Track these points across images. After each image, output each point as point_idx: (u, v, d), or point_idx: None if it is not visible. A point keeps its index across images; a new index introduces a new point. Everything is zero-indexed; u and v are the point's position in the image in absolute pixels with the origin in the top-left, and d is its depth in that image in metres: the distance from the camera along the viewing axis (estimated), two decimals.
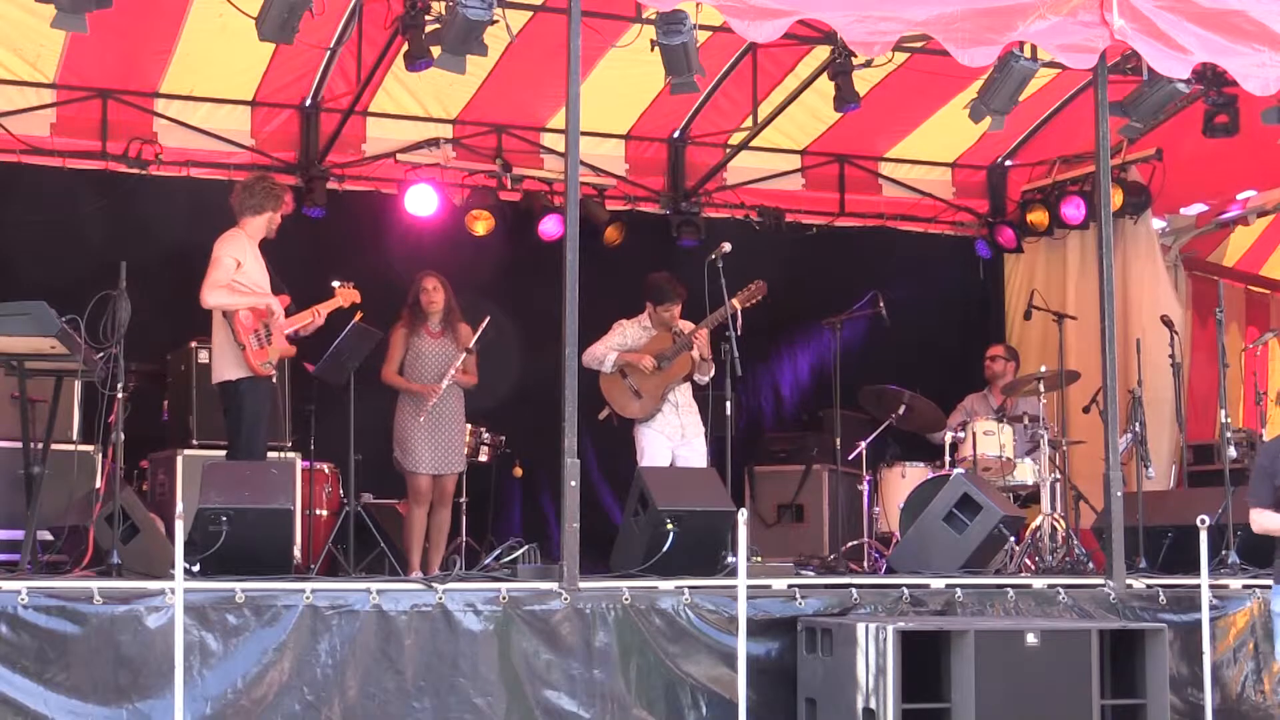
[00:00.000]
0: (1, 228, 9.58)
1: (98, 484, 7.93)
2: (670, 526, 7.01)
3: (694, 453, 8.67)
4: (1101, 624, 6.78)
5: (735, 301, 8.31)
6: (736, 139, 10.83)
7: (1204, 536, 6.61)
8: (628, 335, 8.81)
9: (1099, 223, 7.74)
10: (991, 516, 7.86)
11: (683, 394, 8.75)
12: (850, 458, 9.79)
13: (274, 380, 7.58)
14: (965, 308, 12.19)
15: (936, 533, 7.96)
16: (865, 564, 9.29)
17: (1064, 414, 10.32)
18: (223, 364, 7.47)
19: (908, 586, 6.99)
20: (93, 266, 7.65)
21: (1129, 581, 7.36)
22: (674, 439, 8.67)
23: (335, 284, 7.97)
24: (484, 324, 8.76)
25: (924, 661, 6.15)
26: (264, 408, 7.45)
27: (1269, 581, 7.54)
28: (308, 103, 10.32)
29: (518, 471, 10.00)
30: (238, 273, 7.46)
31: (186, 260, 8.20)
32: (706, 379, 8.63)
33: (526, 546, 7.75)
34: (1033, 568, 8.85)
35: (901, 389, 10.03)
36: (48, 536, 7.74)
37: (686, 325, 8.72)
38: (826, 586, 7.02)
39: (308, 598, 6.06)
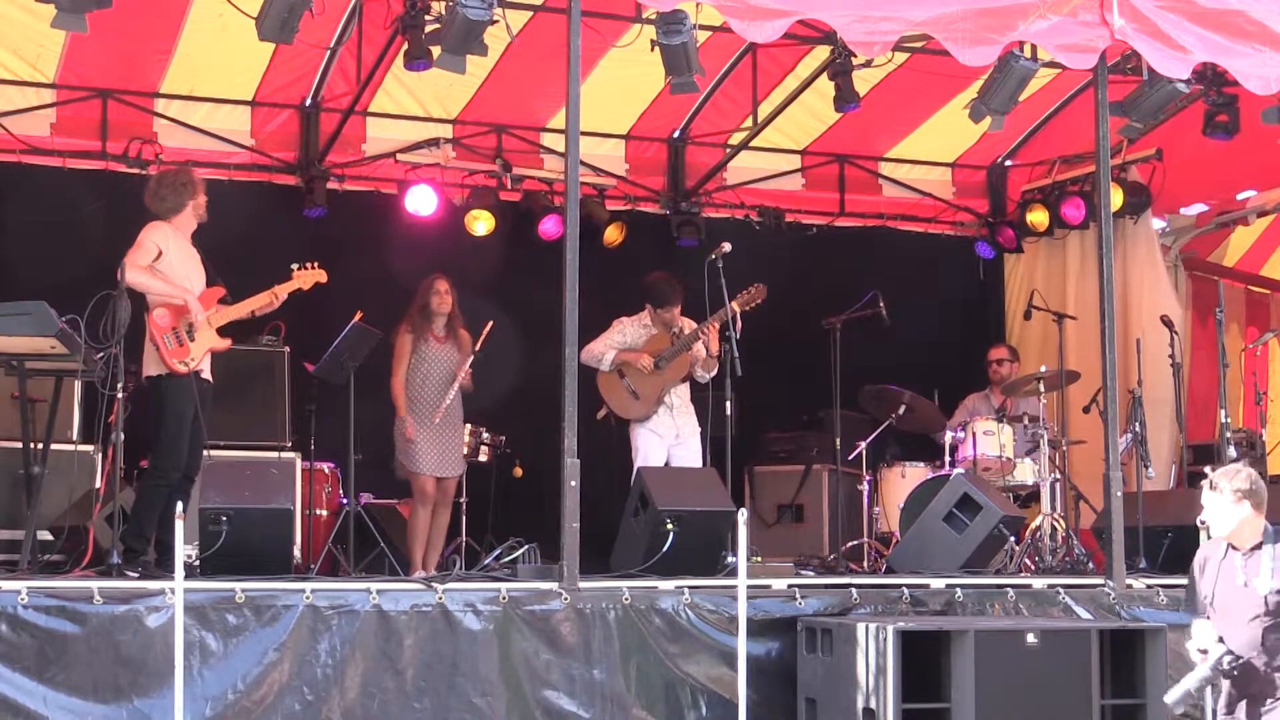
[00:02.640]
0: (1, 228, 9.59)
1: (98, 484, 7.94)
2: (670, 526, 7.01)
3: (689, 453, 8.67)
4: (1101, 624, 6.78)
5: (734, 304, 8.30)
6: (736, 139, 10.82)
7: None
8: (627, 334, 8.81)
9: (1099, 223, 7.74)
10: (991, 516, 7.87)
11: (679, 395, 8.75)
12: (850, 458, 9.78)
13: (203, 378, 7.46)
14: (965, 308, 12.19)
15: (936, 533, 7.97)
16: (865, 564, 9.29)
17: (1064, 414, 10.31)
18: (147, 360, 7.38)
19: (908, 586, 6.99)
20: (93, 266, 7.65)
21: (1129, 581, 7.36)
22: (668, 439, 8.68)
23: (294, 267, 7.83)
24: (486, 329, 8.75)
25: (924, 661, 6.15)
26: (186, 407, 7.25)
27: None
28: (308, 103, 10.32)
29: (518, 471, 9.99)
30: (159, 261, 7.34)
31: None
32: (710, 376, 8.61)
33: (526, 546, 7.75)
34: (1033, 568, 8.84)
35: (901, 389, 10.02)
36: (48, 536, 7.75)
37: (688, 325, 8.72)
38: (826, 586, 7.02)
39: (308, 598, 6.06)
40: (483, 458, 9.61)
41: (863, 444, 9.89)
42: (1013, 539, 8.74)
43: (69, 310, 6.59)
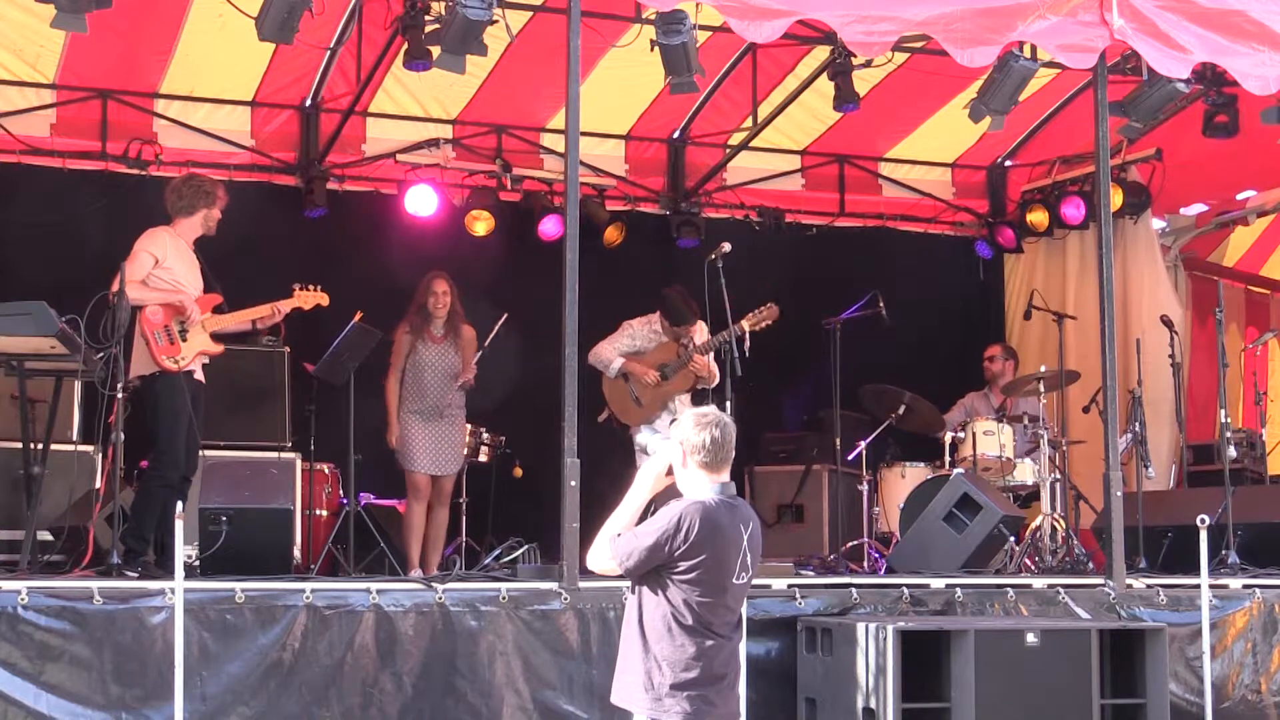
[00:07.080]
0: (1, 228, 9.59)
1: (98, 484, 7.94)
2: None
3: None
4: (1101, 624, 6.78)
5: (744, 323, 8.22)
6: (736, 139, 10.82)
7: (1204, 536, 6.61)
8: (636, 338, 8.74)
9: (1099, 223, 7.74)
10: (991, 516, 7.87)
11: (682, 402, 8.73)
12: (850, 458, 9.79)
13: (195, 378, 7.47)
14: (965, 308, 12.19)
15: (936, 533, 7.97)
16: (865, 564, 9.29)
17: (1064, 414, 10.31)
18: (136, 360, 7.35)
19: (908, 586, 6.99)
20: (93, 267, 7.65)
21: (1129, 581, 7.36)
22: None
23: (295, 286, 7.89)
24: (500, 322, 8.78)
25: (924, 661, 6.16)
26: (179, 404, 7.24)
27: (1270, 581, 7.59)
28: (308, 103, 10.31)
29: (518, 471, 9.99)
30: (156, 269, 7.35)
31: None
32: (712, 385, 8.60)
33: (526, 546, 7.75)
34: (1033, 568, 8.85)
35: (901, 389, 10.02)
36: (48, 536, 7.75)
37: (700, 332, 8.66)
38: (826, 586, 7.02)
39: (307, 598, 6.05)
40: (483, 458, 9.62)
41: (863, 444, 9.88)
42: (1013, 539, 8.74)
43: (69, 310, 6.59)
